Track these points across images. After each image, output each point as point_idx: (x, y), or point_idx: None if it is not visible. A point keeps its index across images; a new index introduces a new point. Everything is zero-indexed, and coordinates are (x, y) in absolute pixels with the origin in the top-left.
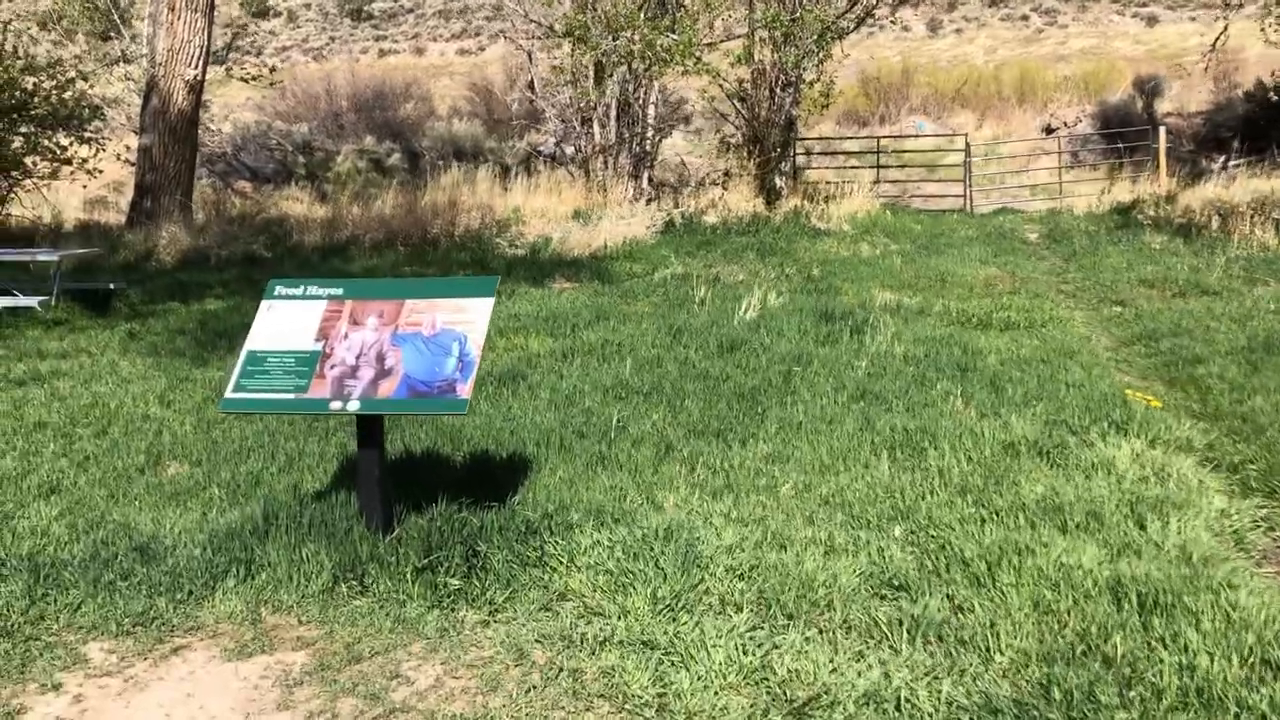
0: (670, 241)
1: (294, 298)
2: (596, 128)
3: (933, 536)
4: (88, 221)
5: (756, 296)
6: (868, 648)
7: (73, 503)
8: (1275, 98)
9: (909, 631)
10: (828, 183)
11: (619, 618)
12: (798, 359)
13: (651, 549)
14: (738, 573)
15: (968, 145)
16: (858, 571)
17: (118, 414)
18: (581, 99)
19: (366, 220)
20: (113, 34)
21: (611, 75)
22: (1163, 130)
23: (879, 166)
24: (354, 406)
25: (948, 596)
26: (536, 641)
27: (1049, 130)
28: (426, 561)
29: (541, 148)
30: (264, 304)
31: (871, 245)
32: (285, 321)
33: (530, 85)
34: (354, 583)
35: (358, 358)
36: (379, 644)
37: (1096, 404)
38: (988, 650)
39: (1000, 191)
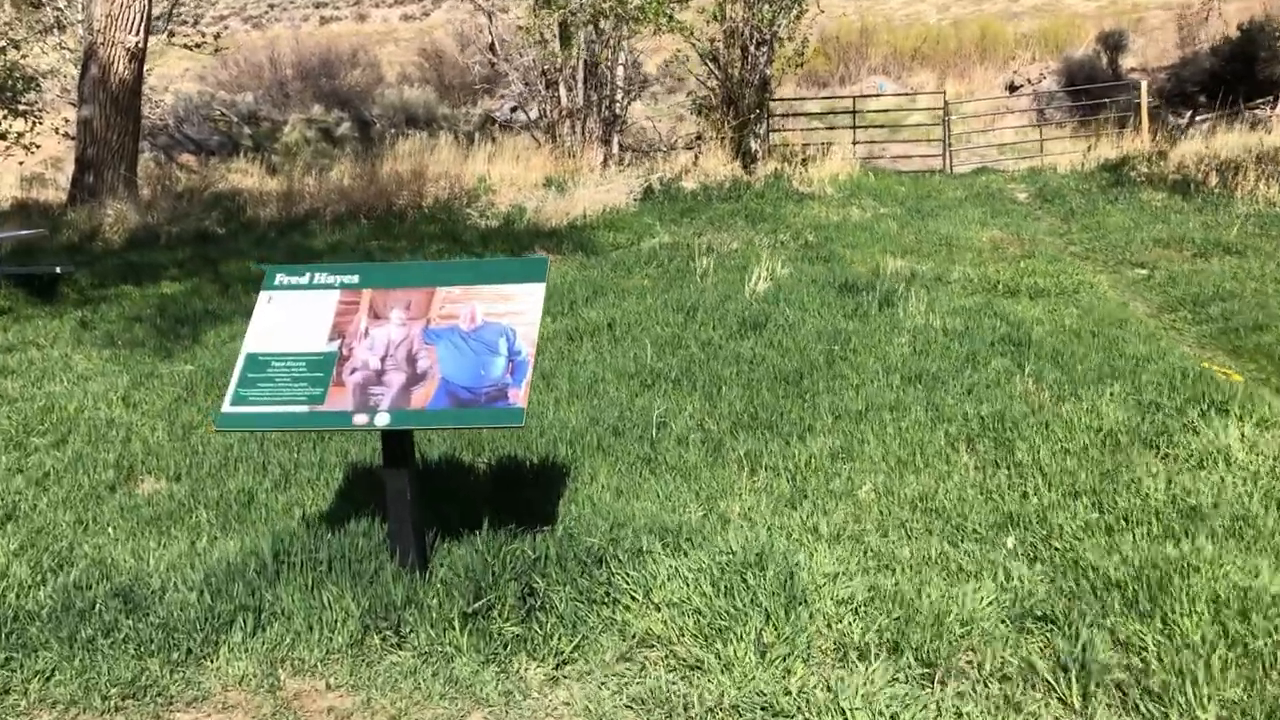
0: (651, 209)
1: (299, 287)
2: (563, 90)
3: (1057, 549)
4: (25, 200)
5: (764, 267)
6: (1038, 706)
7: (34, 532)
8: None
9: (1079, 681)
10: (804, 145)
11: (722, 671)
12: (834, 337)
13: (743, 579)
14: (851, 607)
15: (946, 105)
16: (986, 599)
17: (78, 419)
18: (547, 61)
19: (325, 193)
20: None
21: (579, 34)
22: (1144, 84)
23: (855, 128)
24: (383, 420)
25: (1109, 631)
26: (627, 707)
27: (1013, 88)
28: (476, 605)
29: (497, 113)
30: (262, 296)
31: (861, 209)
32: (290, 317)
33: (491, 47)
34: (388, 633)
35: (383, 359)
36: (430, 716)
37: (1179, 381)
38: (1187, 706)
39: (970, 151)
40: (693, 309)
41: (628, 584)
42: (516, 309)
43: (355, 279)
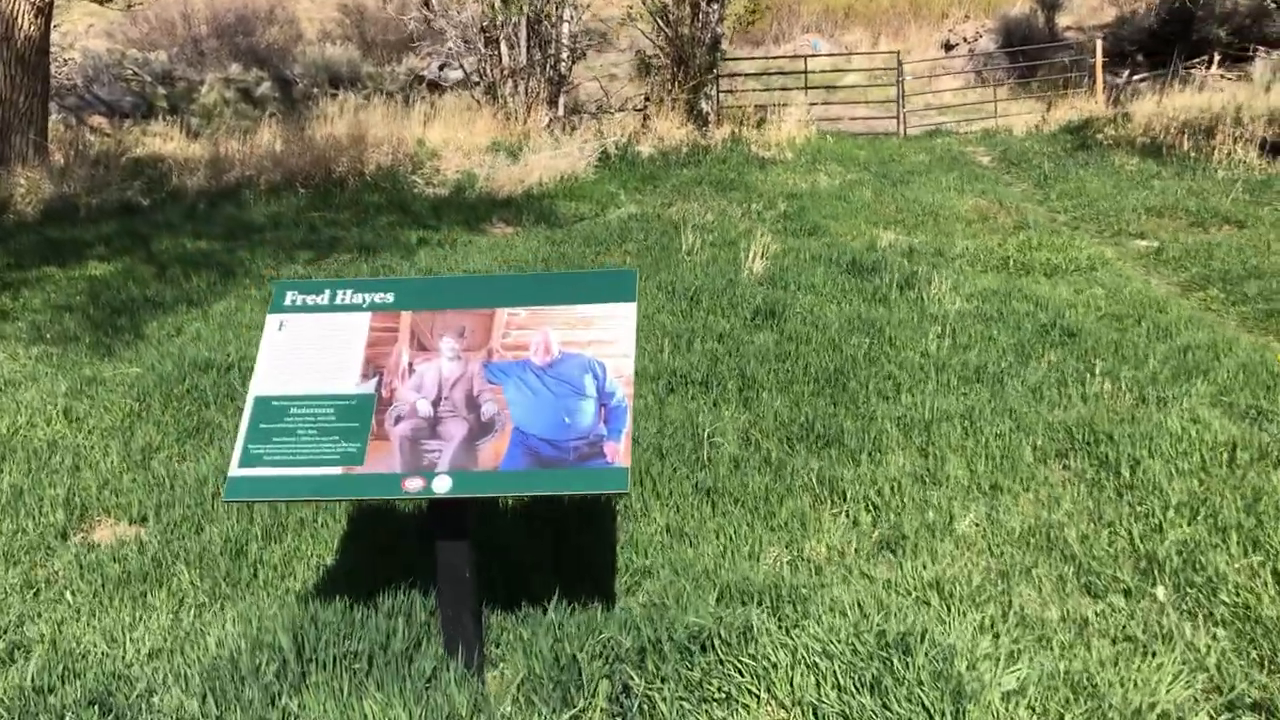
0: (611, 176)
1: (317, 309)
2: (504, 49)
3: (1226, 604)
4: None
5: (757, 244)
6: None
7: None
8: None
9: None
10: (755, 107)
11: None
12: (864, 327)
13: (887, 665)
14: (1025, 702)
15: (900, 65)
16: (1183, 682)
17: (11, 440)
18: (486, 16)
19: (255, 158)
20: None
21: None
22: (1099, 43)
23: (807, 88)
24: (444, 486)
25: None
26: None
27: (949, 47)
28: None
29: (425, 72)
30: (270, 320)
31: (828, 175)
32: (309, 347)
33: (425, 2)
34: None
35: (436, 403)
36: None
37: (1266, 376)
38: None
39: (916, 114)
40: (695, 295)
41: (741, 674)
42: (602, 337)
43: (389, 297)
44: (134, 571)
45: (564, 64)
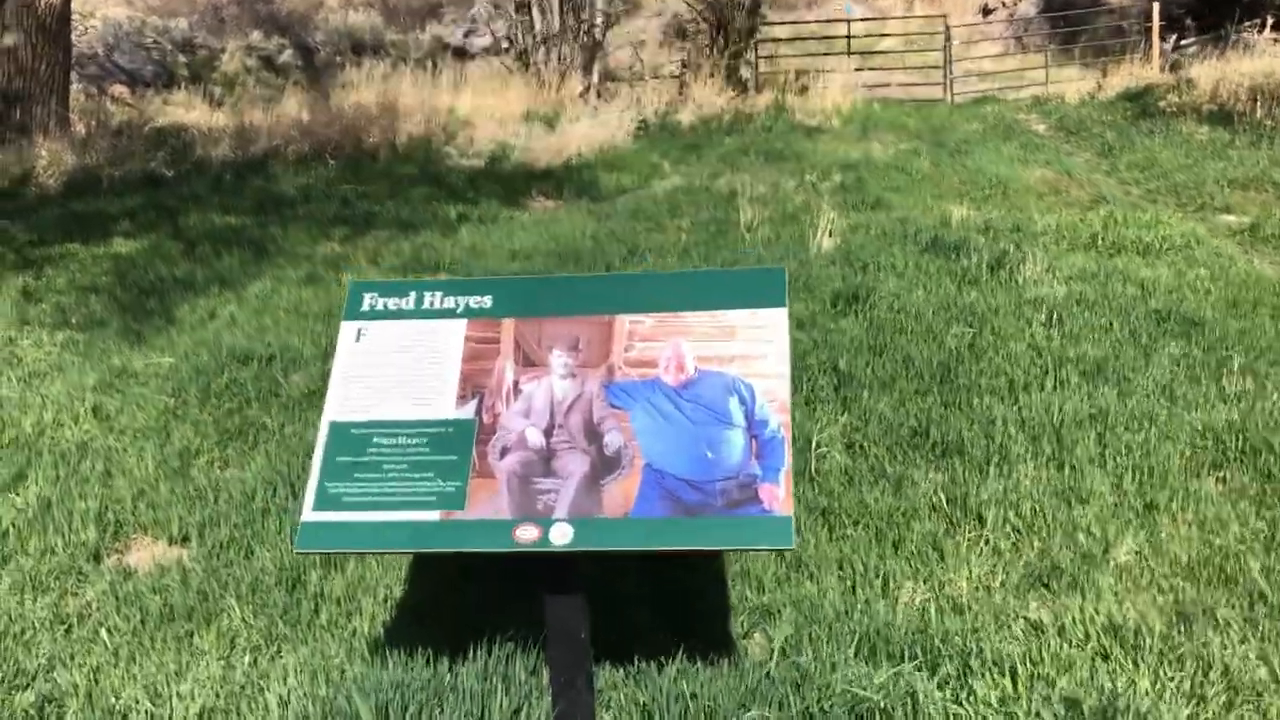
0: (651, 146)
1: (401, 314)
2: (535, 13)
3: None
4: None
5: (822, 219)
6: None
7: None
8: None
9: None
10: (796, 73)
11: None
12: (960, 315)
13: None
14: None
15: (947, 29)
16: None
17: (38, 441)
18: None
19: (282, 129)
20: None
21: None
22: (1155, 6)
23: (850, 53)
24: (564, 538)
25: None
26: None
27: (987, 12)
28: None
29: (450, 39)
30: (346, 329)
31: (880, 144)
32: (393, 362)
33: None
34: None
35: (548, 433)
36: None
37: None
38: None
39: (957, 80)
40: None
41: None
42: (748, 351)
43: (487, 301)
44: (177, 605)
45: (598, 29)
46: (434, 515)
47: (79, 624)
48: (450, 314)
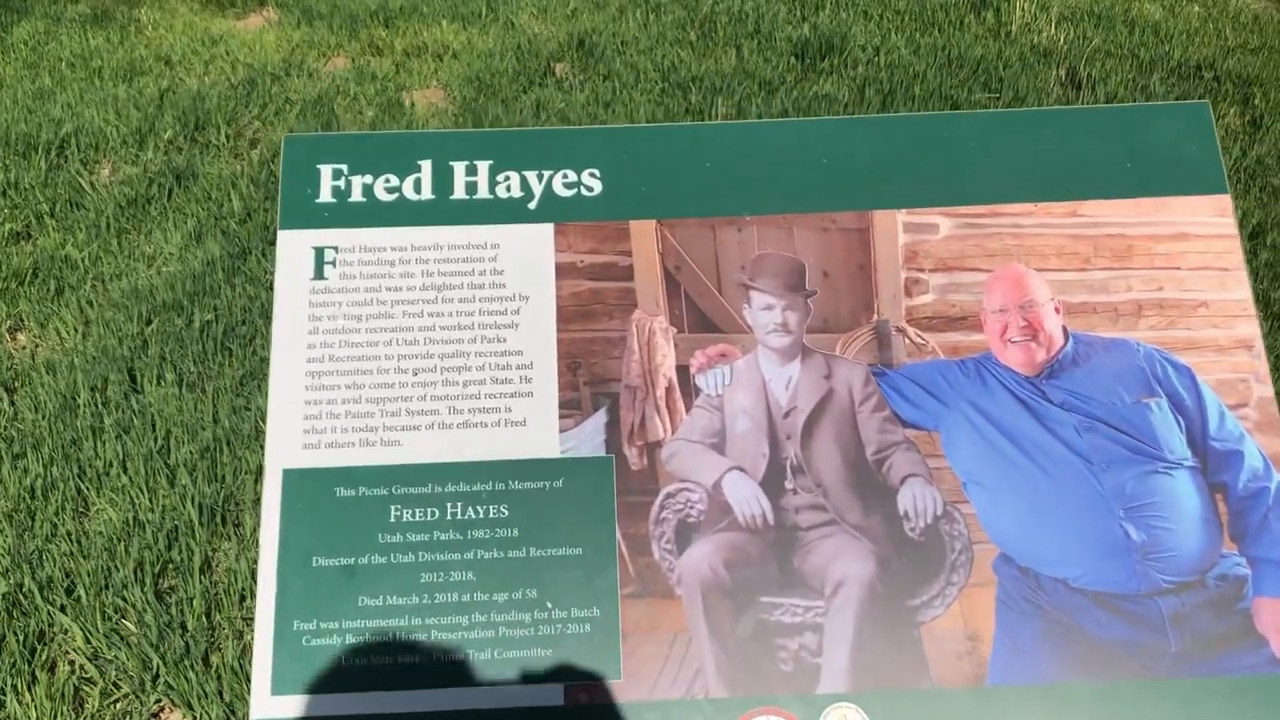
0: None
1: (402, 215)
2: None
3: None
4: None
5: None
6: None
7: None
8: None
9: None
10: None
11: None
12: (970, 70)
13: None
14: None
15: None
16: None
17: None
18: None
19: None
20: None
21: None
22: None
23: None
24: None
25: None
26: None
27: None
28: None
29: None
30: (286, 246)
31: None
32: (394, 327)
33: None
34: None
35: (772, 479)
36: None
37: None
38: None
39: None
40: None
41: None
42: (1171, 294)
43: (594, 183)
44: None
45: None
46: (556, 696)
47: None
48: (518, 212)
